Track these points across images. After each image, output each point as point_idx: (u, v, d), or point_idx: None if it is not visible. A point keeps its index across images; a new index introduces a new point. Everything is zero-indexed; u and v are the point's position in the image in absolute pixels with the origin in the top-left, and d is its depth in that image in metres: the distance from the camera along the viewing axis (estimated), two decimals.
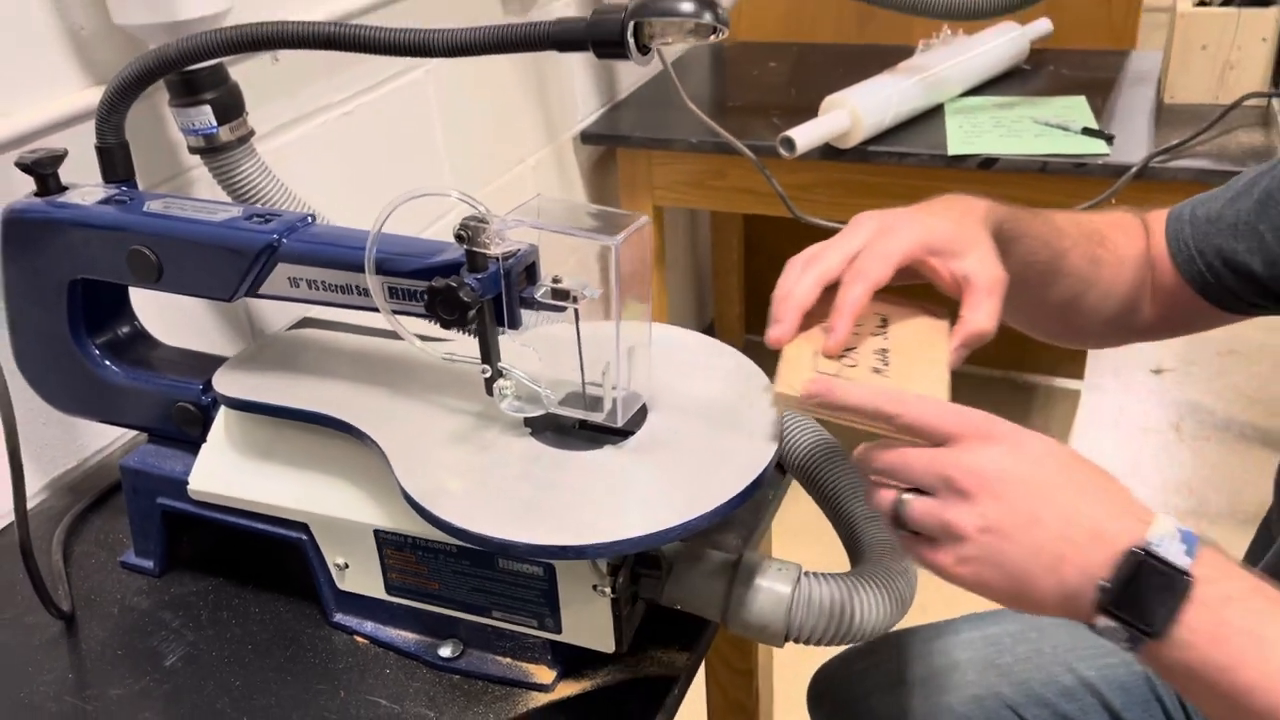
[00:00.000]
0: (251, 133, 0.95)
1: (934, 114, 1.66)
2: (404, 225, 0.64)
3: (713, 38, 0.67)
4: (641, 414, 0.68)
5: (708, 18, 0.66)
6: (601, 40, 0.68)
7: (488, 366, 0.66)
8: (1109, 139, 1.50)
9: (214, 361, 0.80)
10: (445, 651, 0.73)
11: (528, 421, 0.68)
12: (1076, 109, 1.62)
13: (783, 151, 1.50)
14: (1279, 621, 0.50)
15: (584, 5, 1.70)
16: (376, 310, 0.67)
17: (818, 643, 0.67)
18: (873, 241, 0.65)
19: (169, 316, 0.97)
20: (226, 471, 0.76)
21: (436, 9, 1.35)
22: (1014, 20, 1.79)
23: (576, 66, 1.73)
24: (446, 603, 0.71)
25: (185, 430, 0.79)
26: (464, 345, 0.68)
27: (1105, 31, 1.96)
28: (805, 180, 1.65)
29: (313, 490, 0.73)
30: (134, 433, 0.91)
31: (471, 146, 1.48)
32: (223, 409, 0.77)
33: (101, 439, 0.98)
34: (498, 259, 0.62)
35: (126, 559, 0.84)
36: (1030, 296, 0.78)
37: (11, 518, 0.79)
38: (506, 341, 0.67)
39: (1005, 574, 0.53)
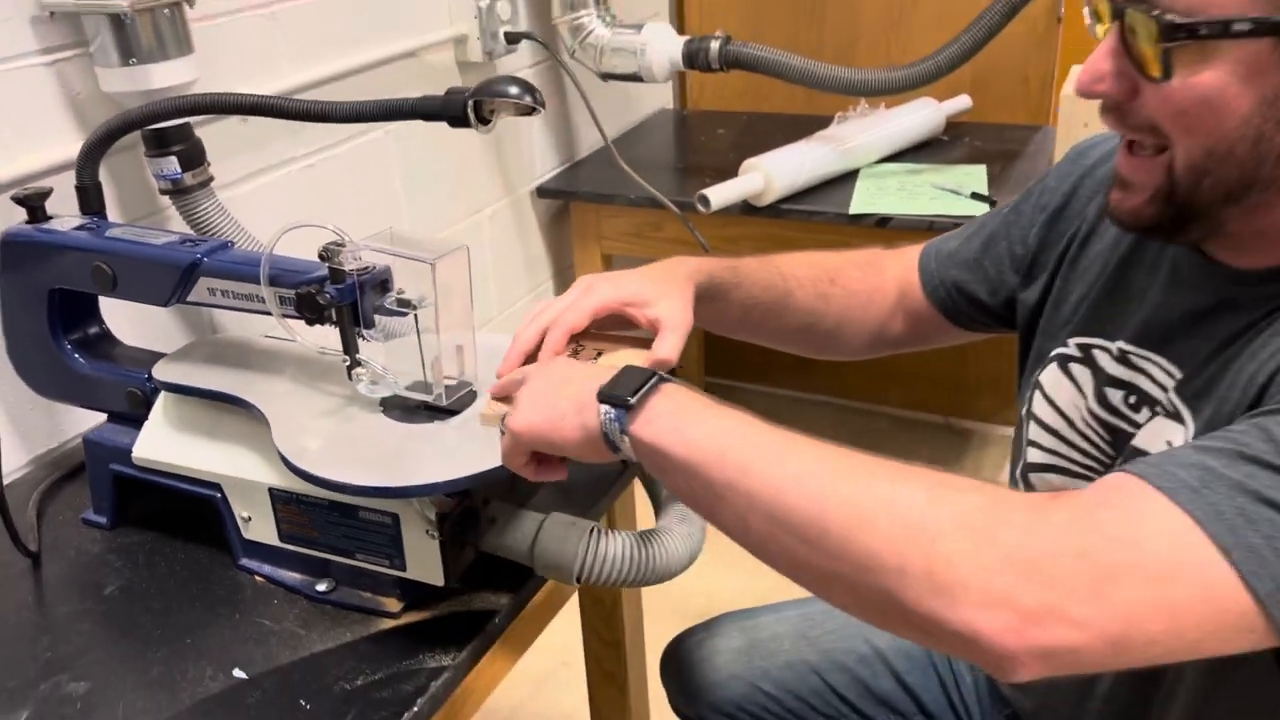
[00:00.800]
0: (211, 179, 1.17)
1: (850, 177, 1.86)
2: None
3: (533, 114, 0.88)
4: (470, 397, 0.88)
5: (527, 100, 0.87)
6: (451, 115, 0.89)
7: (348, 357, 0.86)
8: (992, 203, 1.69)
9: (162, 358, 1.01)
10: (321, 587, 0.92)
11: (382, 401, 0.88)
12: (974, 176, 1.82)
13: (700, 207, 1.70)
14: (718, 407, 0.68)
15: (541, 78, 1.92)
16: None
17: (604, 584, 0.86)
18: (577, 298, 0.85)
19: (148, 326, 1.19)
20: (162, 442, 0.96)
21: (398, 79, 1.58)
22: (932, 96, 2.00)
23: (536, 131, 1.95)
24: (322, 547, 0.91)
25: (135, 411, 0.99)
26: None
27: (1024, 108, 2.16)
28: (730, 234, 1.85)
29: (225, 456, 0.93)
30: (104, 417, 1.11)
31: (429, 197, 1.70)
32: (163, 394, 0.97)
33: (80, 424, 1.18)
34: (354, 274, 0.82)
35: (86, 515, 1.04)
36: (765, 326, 0.98)
37: None
38: (369, 344, 0.87)
39: (544, 413, 0.72)
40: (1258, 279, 0.71)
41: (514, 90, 0.88)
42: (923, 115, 1.96)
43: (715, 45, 1.78)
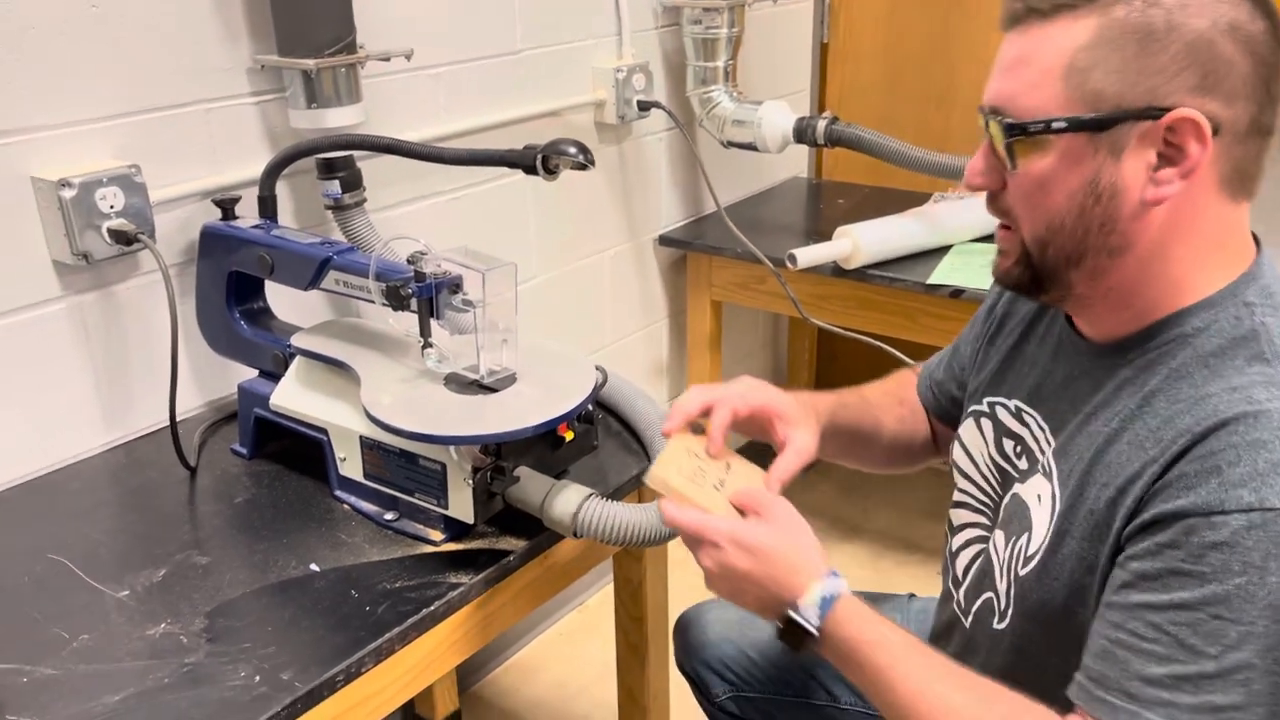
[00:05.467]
0: (364, 200, 1.48)
1: (943, 251, 2.03)
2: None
3: (585, 170, 1.14)
4: (510, 380, 1.14)
5: (582, 158, 1.13)
6: (525, 165, 1.16)
7: (423, 339, 1.13)
8: None
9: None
10: (388, 516, 1.19)
11: (446, 377, 1.15)
12: None
13: (788, 264, 1.91)
14: (870, 640, 0.87)
15: (672, 141, 2.19)
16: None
17: (602, 540, 1.09)
18: (746, 391, 1.03)
19: (306, 308, 1.51)
20: (291, 394, 1.26)
21: (540, 133, 1.87)
22: None
23: (664, 187, 2.22)
24: (392, 485, 1.17)
25: (277, 369, 1.30)
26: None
27: None
28: (822, 291, 2.05)
29: (333, 408, 1.22)
30: (257, 372, 1.42)
31: (558, 235, 1.98)
32: (297, 357, 1.27)
33: (242, 378, 1.51)
34: (431, 276, 1.10)
35: (234, 446, 1.35)
36: (866, 449, 1.18)
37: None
38: (440, 331, 1.14)
39: (731, 597, 0.92)
40: (1104, 351, 0.89)
41: (572, 150, 1.13)
42: None
43: (822, 124, 1.99)
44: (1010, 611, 0.94)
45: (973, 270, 1.93)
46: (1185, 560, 0.74)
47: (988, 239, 2.08)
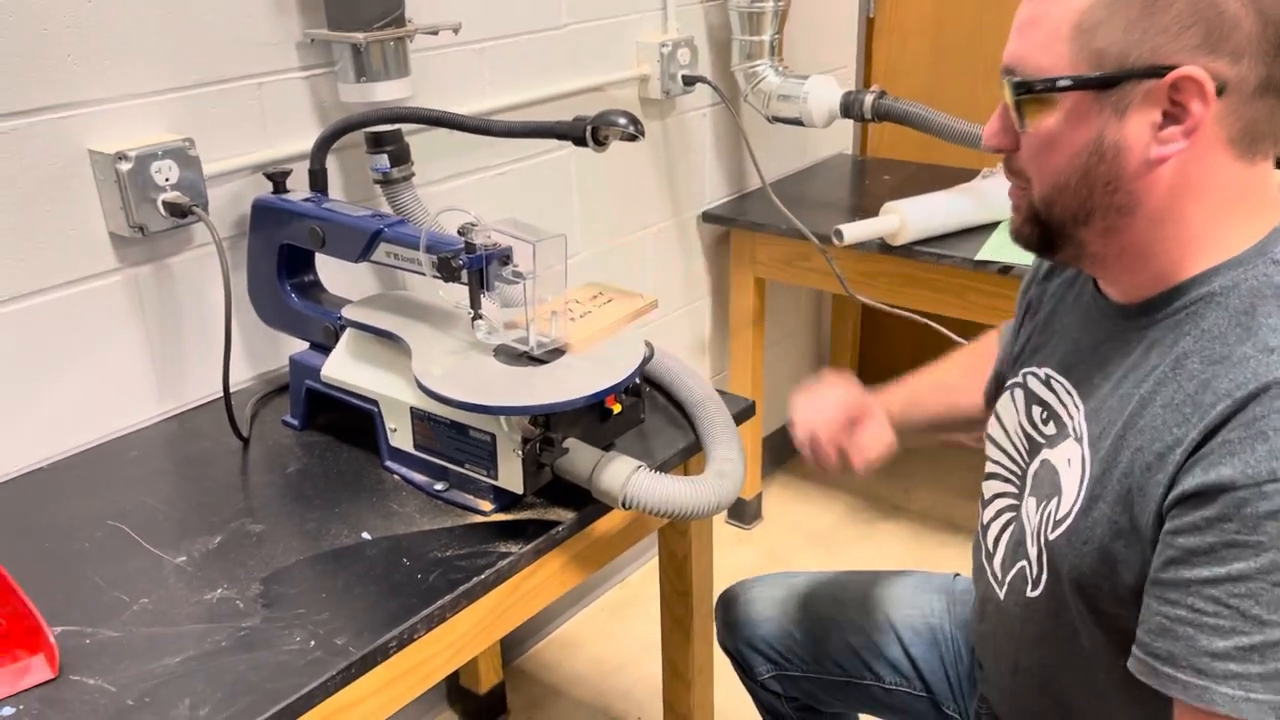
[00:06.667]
0: (412, 175, 1.49)
1: (992, 227, 2.00)
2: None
3: (635, 140, 1.13)
4: (559, 353, 1.14)
5: (632, 129, 1.13)
6: (575, 136, 1.16)
7: (473, 311, 1.13)
8: None
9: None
10: (439, 486, 1.20)
11: (495, 349, 1.15)
12: None
13: (834, 240, 1.90)
14: None
15: (716, 116, 2.18)
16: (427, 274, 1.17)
17: (646, 511, 1.09)
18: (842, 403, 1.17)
19: (352, 279, 1.52)
20: (342, 366, 1.27)
21: (584, 108, 1.87)
22: None
23: (708, 162, 2.21)
24: (442, 456, 1.18)
25: (327, 341, 1.31)
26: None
27: None
28: (868, 268, 2.04)
29: (383, 380, 1.23)
30: (308, 344, 1.44)
31: (602, 212, 1.98)
32: (348, 330, 1.28)
33: (293, 351, 1.52)
34: (482, 248, 1.10)
35: (285, 418, 1.37)
36: (954, 429, 1.21)
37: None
38: (490, 303, 1.14)
39: None
40: (1131, 313, 0.88)
41: (621, 120, 1.13)
42: None
43: (869, 98, 1.97)
44: (1044, 578, 0.93)
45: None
46: (1240, 531, 0.73)
47: None
